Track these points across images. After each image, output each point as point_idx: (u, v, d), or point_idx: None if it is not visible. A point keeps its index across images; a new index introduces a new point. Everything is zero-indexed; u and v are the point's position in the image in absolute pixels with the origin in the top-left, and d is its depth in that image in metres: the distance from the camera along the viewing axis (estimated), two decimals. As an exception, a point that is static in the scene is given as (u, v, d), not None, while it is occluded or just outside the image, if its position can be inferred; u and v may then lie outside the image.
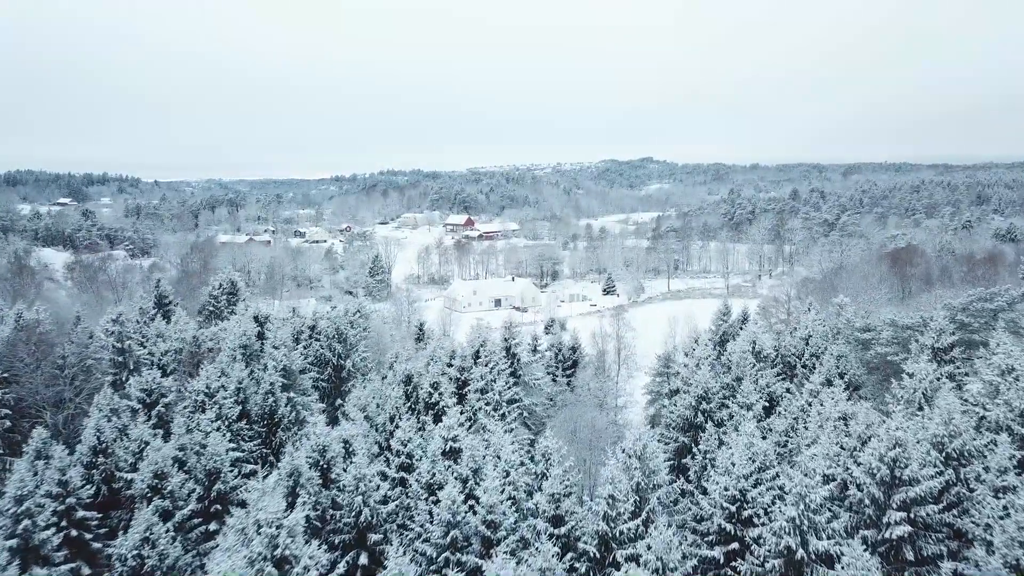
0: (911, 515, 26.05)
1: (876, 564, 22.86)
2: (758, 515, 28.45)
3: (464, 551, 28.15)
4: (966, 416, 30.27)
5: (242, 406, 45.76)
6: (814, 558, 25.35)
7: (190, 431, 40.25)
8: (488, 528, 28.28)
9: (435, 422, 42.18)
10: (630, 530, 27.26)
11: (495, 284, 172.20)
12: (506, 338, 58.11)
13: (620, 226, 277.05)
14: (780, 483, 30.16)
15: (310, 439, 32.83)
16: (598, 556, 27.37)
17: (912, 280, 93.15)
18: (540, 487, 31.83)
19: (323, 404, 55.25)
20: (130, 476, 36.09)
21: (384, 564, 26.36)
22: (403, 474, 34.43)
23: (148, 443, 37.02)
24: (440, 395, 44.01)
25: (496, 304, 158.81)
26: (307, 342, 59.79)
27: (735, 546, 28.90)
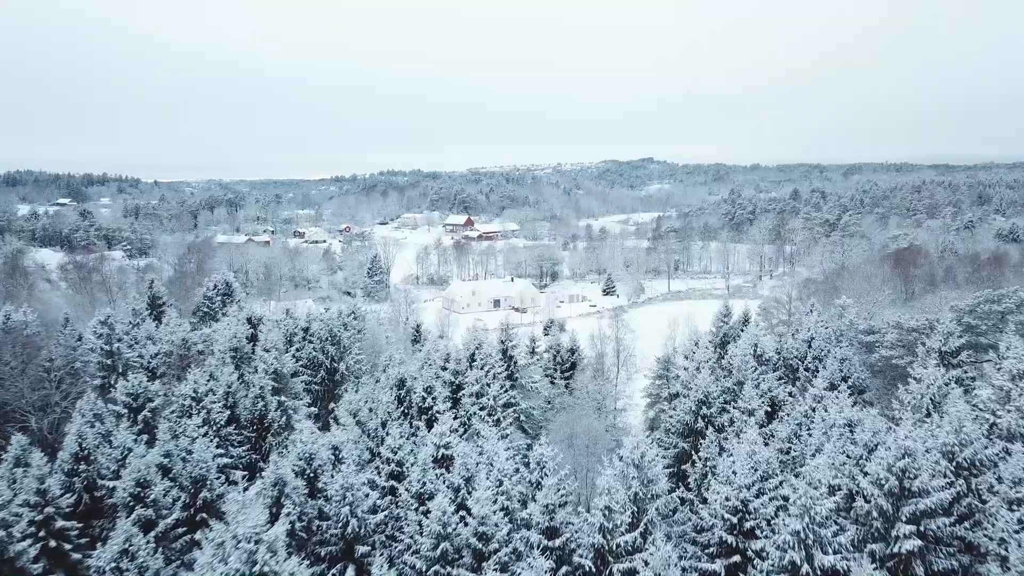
0: (921, 528, 24.93)
1: (885, 580, 21.82)
2: (760, 527, 27.35)
3: (455, 564, 27.04)
4: (976, 423, 29.14)
5: (231, 411, 44.68)
6: (820, 574, 24.23)
7: (176, 437, 39.16)
8: (480, 540, 27.17)
9: (428, 427, 41.09)
10: (627, 543, 26.18)
11: (494, 285, 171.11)
12: (503, 340, 57.01)
13: (620, 227, 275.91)
14: (783, 493, 29.06)
15: (296, 446, 31.71)
16: (593, 570, 26.30)
17: (915, 281, 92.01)
18: (534, 496, 30.74)
19: (316, 408, 54.28)
20: (112, 484, 34.98)
21: (371, 578, 25.30)
22: (393, 482, 33.29)
23: (131, 450, 35.86)
24: (434, 399, 42.90)
25: (495, 305, 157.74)
26: (300, 344, 58.66)
27: (737, 559, 27.82)
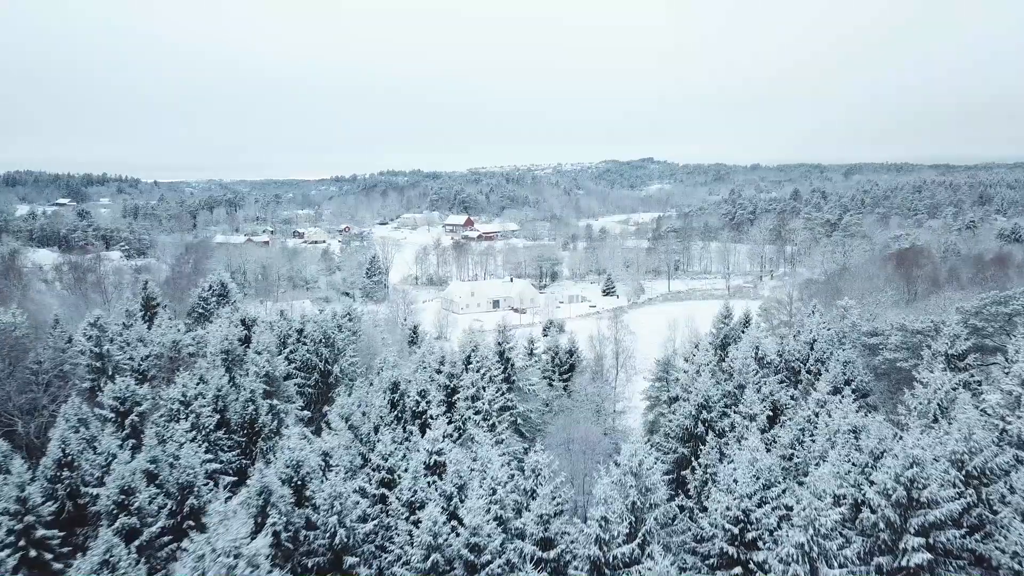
0: (931, 541, 23.96)
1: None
2: (763, 538, 26.40)
3: (446, 576, 26.13)
4: (985, 430, 28.16)
5: (221, 415, 43.79)
6: (824, 587, 23.28)
7: (163, 442, 38.24)
8: (471, 552, 26.21)
9: (422, 432, 40.12)
10: (624, 555, 25.23)
11: (493, 285, 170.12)
12: (500, 342, 56.05)
13: (620, 227, 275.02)
14: (786, 502, 28.11)
15: (284, 453, 30.76)
16: (590, 583, 25.34)
17: (918, 282, 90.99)
18: (529, 505, 29.79)
19: (309, 412, 53.32)
20: (96, 491, 34.05)
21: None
22: (384, 490, 32.34)
23: (115, 456, 34.93)
24: (428, 404, 41.94)
25: (494, 305, 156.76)
26: (294, 346, 57.72)
27: (738, 571, 26.86)
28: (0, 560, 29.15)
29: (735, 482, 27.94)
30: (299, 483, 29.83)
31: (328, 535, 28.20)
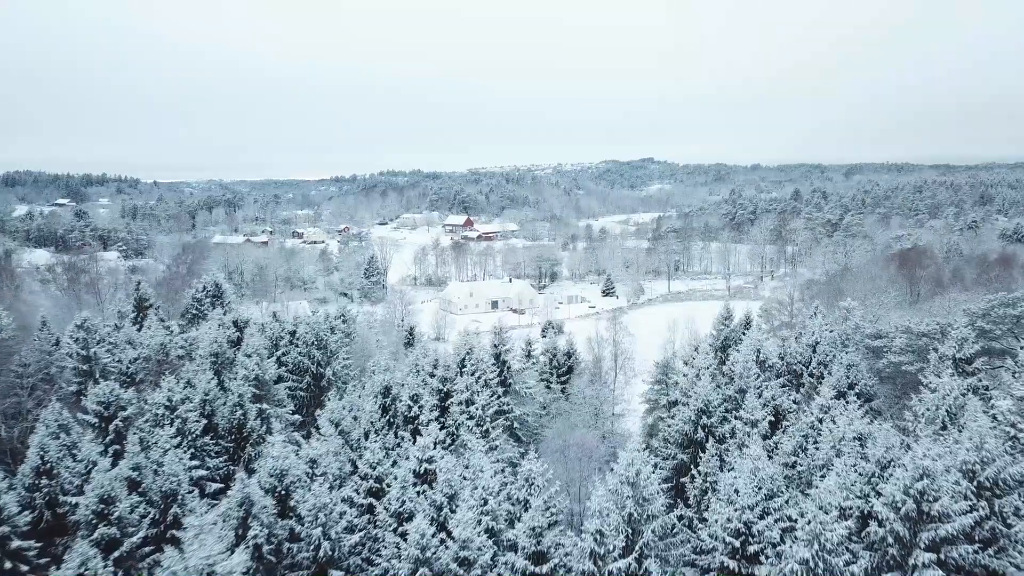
0: (942, 556, 22.84)
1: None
2: (765, 552, 25.29)
3: (434, 591, 25.02)
4: (996, 438, 27.01)
5: (208, 419, 42.71)
6: (830, 605, 22.18)
7: (147, 448, 37.13)
8: (461, 565, 25.13)
9: (414, 438, 39.04)
10: (620, 570, 24.12)
11: (492, 286, 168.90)
12: (496, 344, 54.84)
13: (620, 227, 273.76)
14: (789, 513, 27.00)
15: (268, 461, 29.64)
16: (584, 599, 24.25)
17: (921, 282, 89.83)
18: (522, 516, 28.69)
19: (300, 416, 52.22)
20: (75, 500, 32.95)
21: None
22: (372, 500, 31.21)
23: (95, 463, 33.81)
24: (420, 408, 40.82)
25: (493, 306, 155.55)
26: (286, 349, 56.64)
27: (740, 586, 25.76)
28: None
29: (736, 492, 26.85)
30: (283, 493, 28.73)
31: (312, 547, 27.11)
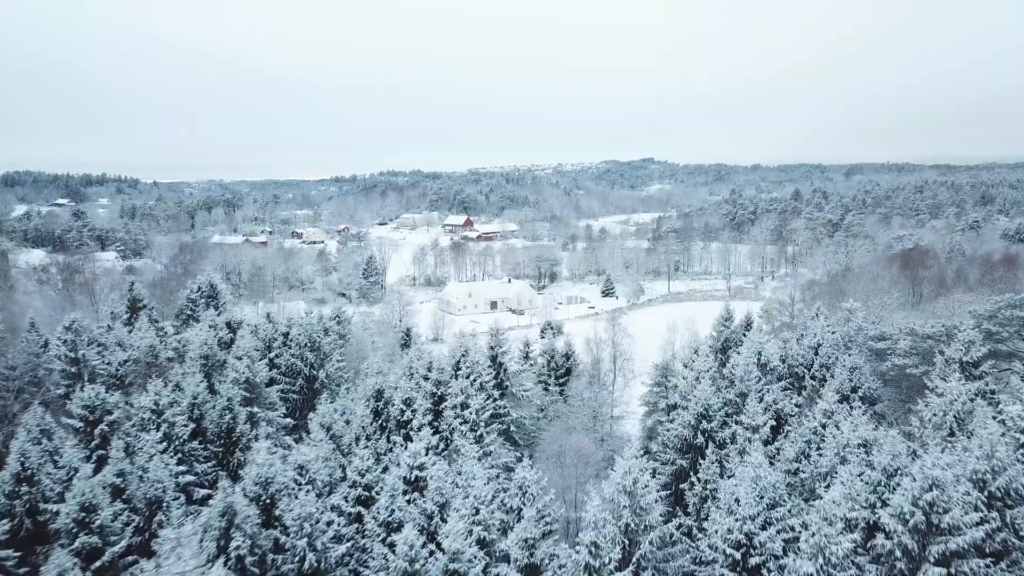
0: (952, 571, 21.88)
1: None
2: (768, 565, 24.32)
3: (423, 605, 24.09)
4: (1007, 446, 26.02)
5: (197, 423, 41.77)
6: (835, 621, 21.23)
7: (132, 454, 36.22)
8: (451, 579, 24.17)
9: (407, 443, 38.09)
10: (616, 584, 23.15)
11: (490, 286, 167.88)
12: (492, 346, 53.87)
13: (620, 227, 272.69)
14: (792, 522, 26.05)
15: (252, 469, 28.69)
16: (579, 614, 23.29)
17: (924, 283, 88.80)
18: (515, 525, 27.73)
19: (293, 419, 51.24)
20: (56, 508, 32.01)
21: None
22: (360, 508, 30.25)
23: (77, 470, 32.87)
24: (413, 413, 39.86)
25: (492, 307, 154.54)
26: (279, 350, 55.68)
27: (741, 599, 24.81)
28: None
29: (737, 502, 25.88)
30: (268, 501, 27.78)
31: (297, 559, 26.17)
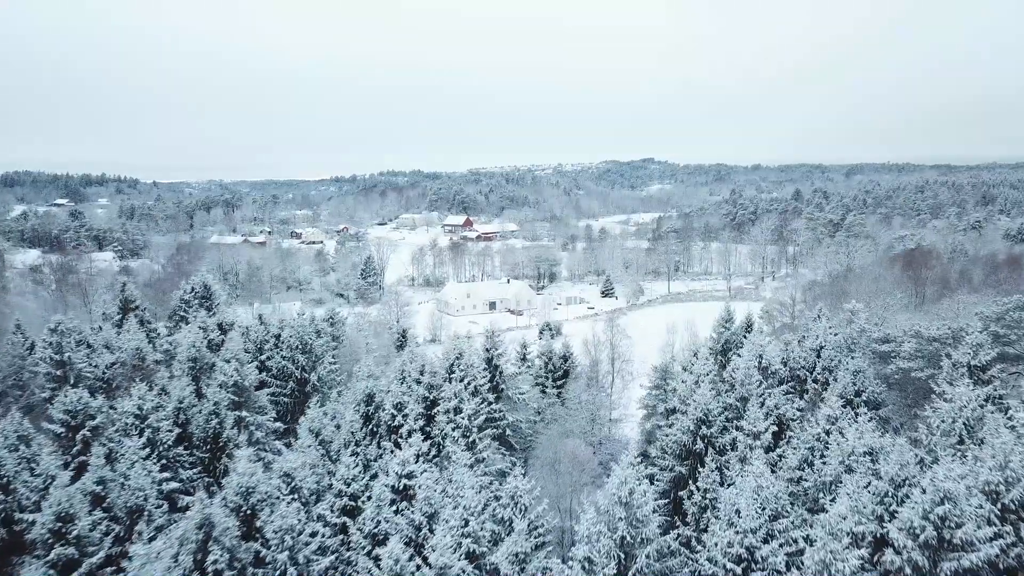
0: (965, 589, 20.80)
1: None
2: (770, 581, 23.22)
3: (409, 623, 22.99)
4: (1019, 455, 24.89)
5: (183, 428, 40.69)
6: (841, 641, 20.13)
7: (113, 460, 35.13)
8: (438, 595, 23.06)
9: (399, 449, 36.98)
10: (611, 601, 22.04)
11: (489, 287, 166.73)
12: (488, 348, 52.71)
13: (620, 227, 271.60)
14: (795, 535, 24.94)
15: (233, 478, 27.56)
16: (572, 632, 22.18)
17: (927, 284, 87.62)
18: (505, 539, 26.63)
19: (284, 423, 50.11)
20: (32, 517, 30.89)
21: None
22: (346, 519, 29.13)
23: (54, 478, 31.76)
24: (404, 418, 38.73)
25: (490, 307, 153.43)
26: (270, 353, 54.59)
27: (742, 616, 23.69)
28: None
29: (738, 513, 24.76)
30: (249, 512, 26.64)
31: (279, 573, 25.03)
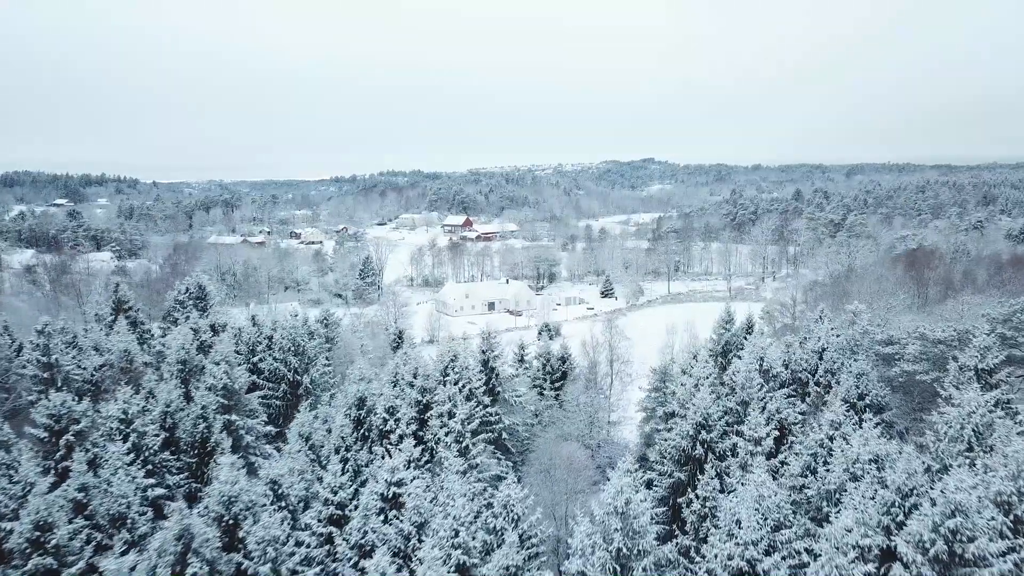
0: (977, 606, 19.85)
1: None
2: (772, 596, 22.26)
3: (395, 639, 22.03)
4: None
5: (170, 433, 39.76)
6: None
7: (97, 466, 34.20)
8: (426, 610, 22.09)
9: (389, 454, 36.02)
10: (606, 618, 21.08)
11: (488, 287, 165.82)
12: (484, 350, 51.67)
13: (620, 227, 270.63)
14: (798, 546, 23.97)
15: (214, 486, 26.61)
16: (565, 650, 21.21)
17: (930, 284, 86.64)
18: (500, 545, 25.66)
19: (276, 426, 49.19)
20: (10, 526, 29.93)
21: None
22: (332, 528, 28.16)
23: (33, 485, 30.80)
24: (396, 422, 37.77)
25: (489, 308, 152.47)
26: (262, 355, 53.65)
27: (742, 632, 22.73)
28: None
29: (738, 524, 23.80)
30: (231, 522, 25.68)
31: (261, 586, 24.07)
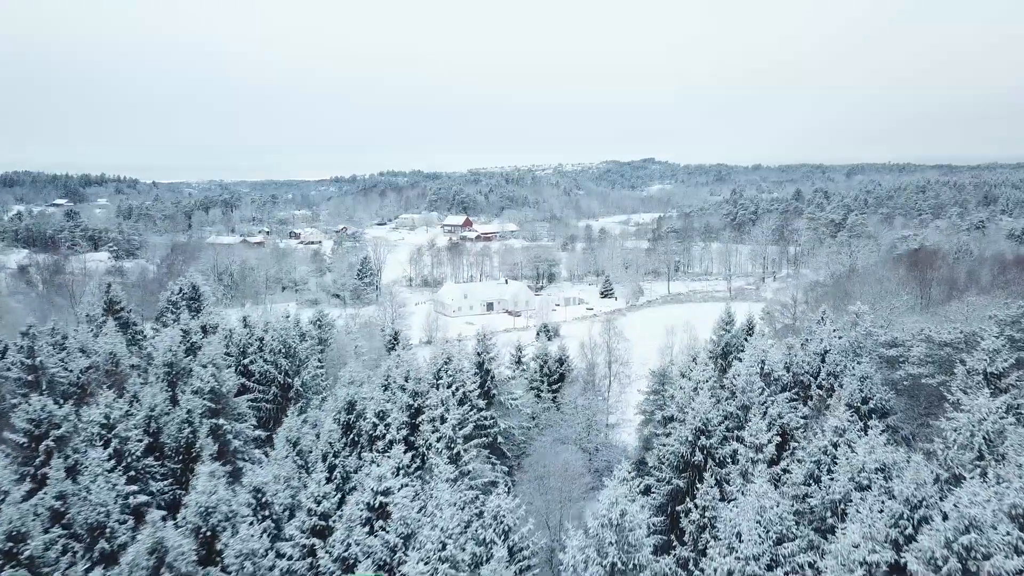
0: (993, 627, 18.77)
1: None
2: (775, 614, 21.19)
3: (378, 659, 20.96)
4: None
5: (154, 438, 38.68)
6: None
7: (76, 473, 33.16)
8: (410, 628, 21.03)
9: (379, 460, 34.94)
10: (599, 637, 20.00)
11: (487, 287, 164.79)
12: (479, 352, 50.55)
13: (621, 227, 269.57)
14: (801, 560, 22.89)
15: (192, 496, 25.56)
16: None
17: (933, 285, 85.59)
18: (490, 557, 24.60)
19: (266, 431, 48.09)
20: (-18, 537, 28.88)
21: None
22: (315, 540, 27.07)
23: (7, 493, 29.71)
24: (387, 427, 36.70)
25: (488, 308, 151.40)
26: (253, 357, 52.57)
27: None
28: None
29: (738, 537, 22.71)
30: (209, 534, 24.61)
31: (238, 602, 23.00)
